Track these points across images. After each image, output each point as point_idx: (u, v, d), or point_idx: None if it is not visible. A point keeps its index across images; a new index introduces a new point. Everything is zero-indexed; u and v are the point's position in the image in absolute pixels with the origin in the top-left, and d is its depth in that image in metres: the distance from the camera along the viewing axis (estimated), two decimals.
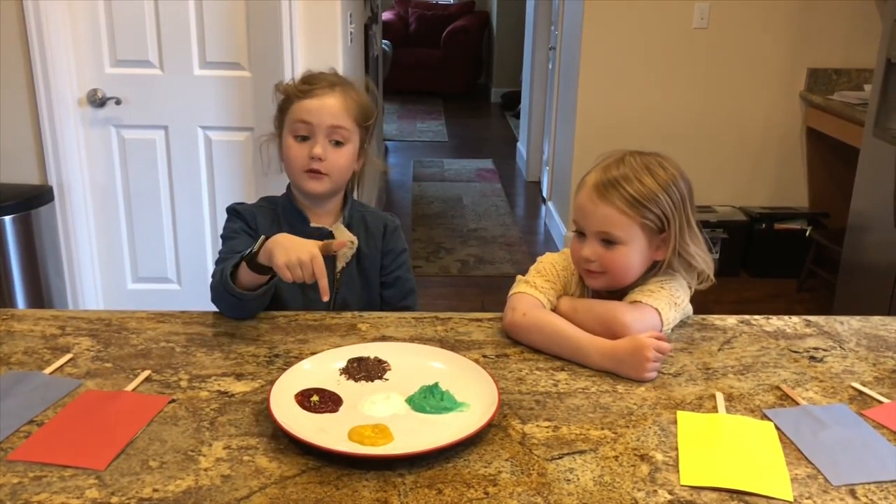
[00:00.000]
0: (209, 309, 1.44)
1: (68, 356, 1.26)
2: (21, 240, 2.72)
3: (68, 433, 1.05)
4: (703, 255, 1.37)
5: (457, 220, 5.01)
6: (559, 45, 4.70)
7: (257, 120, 2.86)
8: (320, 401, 1.12)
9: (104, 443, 1.03)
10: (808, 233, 3.93)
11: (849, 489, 0.97)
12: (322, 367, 1.21)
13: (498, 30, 8.93)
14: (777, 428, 1.10)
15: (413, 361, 1.24)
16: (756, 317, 1.47)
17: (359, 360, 1.24)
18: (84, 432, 1.05)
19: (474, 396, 1.13)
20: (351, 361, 1.23)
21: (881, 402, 1.18)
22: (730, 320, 1.46)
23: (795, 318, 1.47)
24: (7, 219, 2.66)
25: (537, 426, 1.09)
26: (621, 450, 1.04)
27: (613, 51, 3.97)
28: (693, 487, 0.97)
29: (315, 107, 1.50)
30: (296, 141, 1.52)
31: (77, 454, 1.00)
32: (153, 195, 2.97)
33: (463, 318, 1.43)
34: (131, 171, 2.94)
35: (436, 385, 1.15)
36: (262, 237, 1.34)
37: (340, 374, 1.20)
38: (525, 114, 6.11)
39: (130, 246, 3.03)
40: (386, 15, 8.65)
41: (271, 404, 1.08)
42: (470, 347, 1.32)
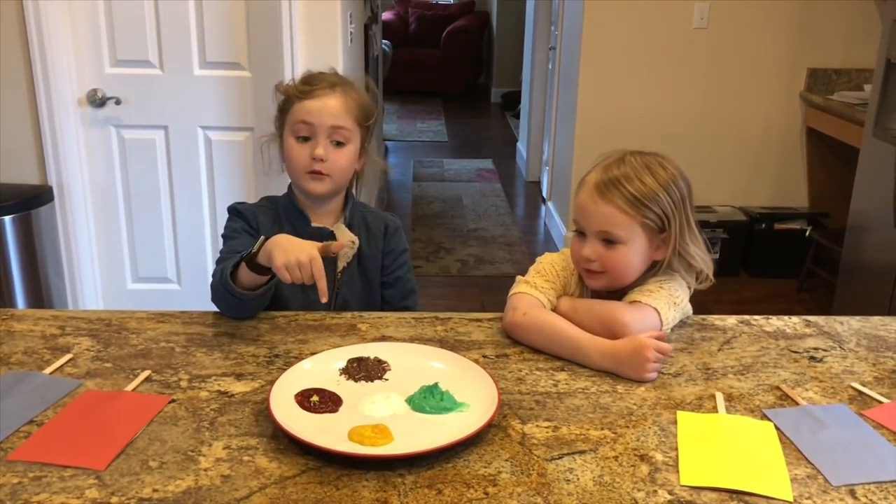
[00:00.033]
0: (209, 309, 1.44)
1: (68, 356, 1.26)
2: (21, 240, 2.72)
3: (68, 433, 1.05)
4: (703, 255, 1.37)
5: (457, 220, 5.01)
6: (559, 45, 4.70)
7: (257, 120, 2.86)
8: (320, 401, 1.12)
9: (104, 443, 1.03)
10: (808, 233, 3.93)
11: (848, 489, 0.97)
12: (322, 368, 1.21)
13: (498, 30, 8.93)
14: (777, 428, 1.10)
15: (413, 361, 1.24)
16: (756, 317, 1.47)
17: (359, 361, 1.24)
18: (84, 432, 1.05)
19: (474, 396, 1.13)
20: (351, 361, 1.23)
21: (881, 403, 1.18)
22: (730, 320, 1.46)
23: (795, 319, 1.47)
24: (7, 219, 2.66)
25: (537, 426, 1.09)
26: (621, 450, 1.04)
27: (613, 51, 3.97)
28: (693, 487, 0.97)
29: (316, 107, 1.50)
30: (297, 142, 1.52)
31: (77, 454, 1.00)
32: (153, 195, 2.97)
33: (463, 318, 1.43)
34: (131, 171, 2.94)
35: (436, 385, 1.15)
36: (262, 238, 1.34)
37: (340, 375, 1.20)
38: (525, 114, 6.11)
39: (130, 246, 3.03)
40: (386, 15, 8.65)
41: (271, 404, 1.08)
42: (470, 347, 1.32)
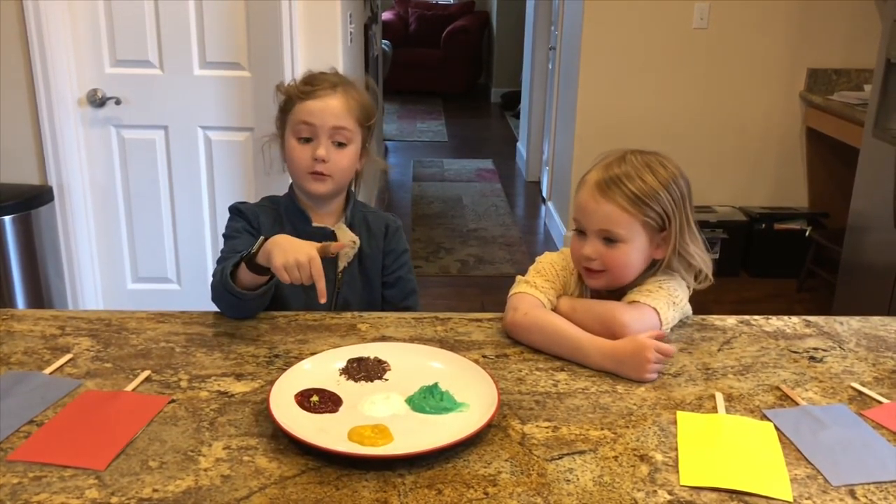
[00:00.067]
0: (209, 309, 1.45)
1: (68, 356, 1.26)
2: (21, 240, 2.72)
3: (68, 433, 1.05)
4: (702, 254, 1.37)
5: (457, 220, 5.01)
6: (559, 45, 4.70)
7: (257, 120, 2.86)
8: (320, 401, 1.12)
9: (104, 443, 1.03)
10: (808, 233, 3.93)
11: (848, 489, 0.97)
12: (322, 368, 1.21)
13: (498, 30, 8.93)
14: (777, 428, 1.10)
15: (413, 362, 1.24)
16: (756, 317, 1.47)
17: (358, 361, 1.24)
18: (84, 432, 1.05)
19: (474, 397, 1.13)
20: (351, 362, 1.23)
21: (881, 403, 1.18)
22: (729, 320, 1.46)
23: (795, 319, 1.47)
24: (7, 219, 2.66)
25: (537, 426, 1.09)
26: (621, 450, 1.04)
27: (613, 51, 3.97)
28: (693, 488, 0.97)
29: (317, 108, 1.50)
30: (299, 142, 1.52)
31: (77, 454, 1.00)
32: (153, 195, 2.97)
33: (463, 319, 1.43)
34: (131, 171, 2.94)
35: (435, 385, 1.15)
36: (262, 238, 1.34)
37: (340, 375, 1.20)
38: (525, 114, 6.11)
39: (130, 246, 3.04)
40: (386, 15, 8.65)
41: (271, 404, 1.08)
42: (470, 348, 1.32)
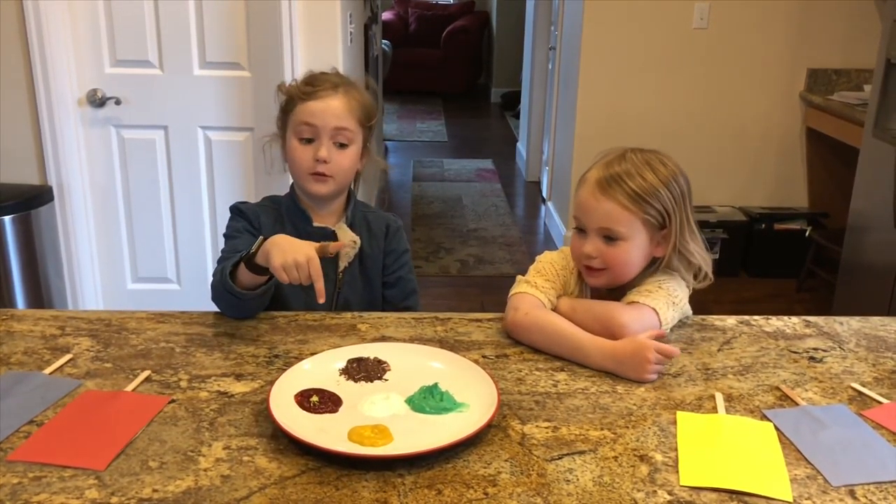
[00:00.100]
0: (209, 309, 1.45)
1: (68, 356, 1.26)
2: (21, 240, 2.72)
3: (68, 433, 1.05)
4: (702, 252, 1.37)
5: (457, 220, 5.01)
6: (559, 45, 4.70)
7: (257, 120, 2.86)
8: (320, 401, 1.12)
9: (104, 443, 1.03)
10: (808, 233, 3.93)
11: (848, 490, 0.97)
12: (322, 368, 1.21)
13: (498, 30, 8.93)
14: (776, 428, 1.10)
15: (413, 362, 1.24)
16: (756, 317, 1.47)
17: (358, 361, 1.24)
18: (84, 432, 1.05)
19: (474, 397, 1.13)
20: (350, 362, 1.23)
21: (881, 403, 1.18)
22: (729, 321, 1.46)
23: (795, 319, 1.47)
24: (7, 219, 2.66)
25: (537, 426, 1.09)
26: (621, 450, 1.04)
27: (613, 51, 3.97)
28: (692, 488, 0.97)
29: (319, 109, 1.50)
30: (300, 143, 1.52)
31: (77, 454, 1.00)
32: (153, 195, 2.97)
33: (463, 319, 1.43)
34: (131, 172, 2.94)
35: (435, 385, 1.15)
36: (261, 238, 1.34)
37: (340, 375, 1.20)
38: (525, 114, 6.11)
39: (130, 246, 3.04)
40: (386, 15, 8.65)
41: (271, 405, 1.08)
42: (470, 348, 1.32)
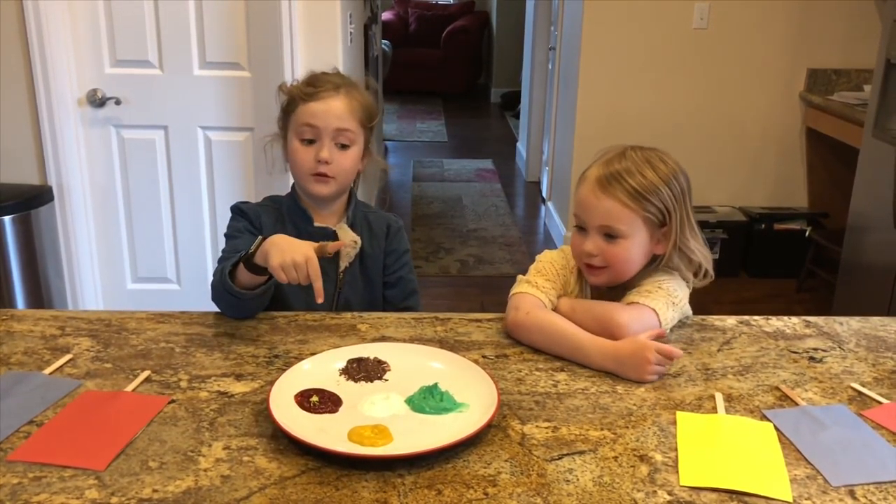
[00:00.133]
0: (209, 309, 1.45)
1: (68, 356, 1.26)
2: (21, 240, 2.72)
3: (68, 433, 1.05)
4: (702, 249, 1.37)
5: (456, 221, 5.01)
6: (559, 45, 4.70)
7: (257, 120, 2.86)
8: (320, 401, 1.12)
9: (104, 443, 1.03)
10: (808, 233, 3.93)
11: (848, 490, 0.98)
12: (322, 368, 1.21)
13: (498, 30, 8.93)
14: (776, 428, 1.10)
15: (413, 362, 1.24)
16: (755, 317, 1.47)
17: (358, 361, 1.24)
18: (84, 432, 1.05)
19: (474, 397, 1.13)
20: (350, 362, 1.23)
21: (880, 403, 1.18)
22: (729, 321, 1.46)
23: (795, 319, 1.47)
24: (7, 219, 2.66)
25: (537, 427, 1.09)
26: (621, 450, 1.04)
27: (613, 51, 3.97)
28: (692, 488, 0.97)
29: (320, 110, 1.50)
30: (302, 144, 1.52)
31: (77, 454, 1.00)
32: (153, 195, 2.97)
33: (462, 319, 1.43)
34: (131, 172, 2.94)
35: (435, 385, 1.15)
36: (260, 238, 1.34)
37: (340, 375, 1.20)
38: (525, 114, 6.11)
39: (130, 246, 3.03)
40: (386, 15, 8.65)
41: (271, 405, 1.08)
42: (469, 348, 1.32)
